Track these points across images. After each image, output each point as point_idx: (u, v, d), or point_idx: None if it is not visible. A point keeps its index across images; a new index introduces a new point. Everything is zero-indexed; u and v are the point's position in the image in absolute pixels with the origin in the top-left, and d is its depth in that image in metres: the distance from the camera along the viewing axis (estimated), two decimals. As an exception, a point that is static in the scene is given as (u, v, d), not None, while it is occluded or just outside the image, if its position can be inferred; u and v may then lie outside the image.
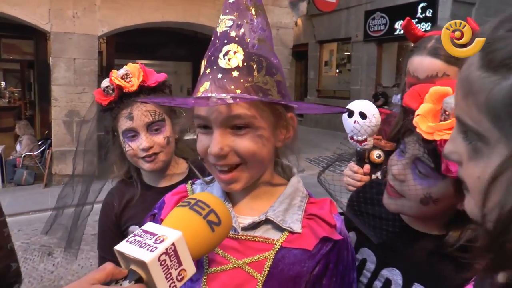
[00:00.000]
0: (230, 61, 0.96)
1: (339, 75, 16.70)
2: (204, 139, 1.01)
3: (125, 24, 8.62)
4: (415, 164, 1.12)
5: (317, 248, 1.04)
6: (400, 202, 1.16)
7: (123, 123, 1.65)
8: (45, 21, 7.94)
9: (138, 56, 12.26)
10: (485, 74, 0.61)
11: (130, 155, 1.67)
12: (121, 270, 0.80)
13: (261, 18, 1.03)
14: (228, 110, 0.95)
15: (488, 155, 0.62)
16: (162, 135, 1.67)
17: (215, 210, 0.87)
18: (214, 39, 1.01)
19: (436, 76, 1.57)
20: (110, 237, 1.75)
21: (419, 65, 1.61)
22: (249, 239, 1.05)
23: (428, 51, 1.60)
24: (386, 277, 1.21)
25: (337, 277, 1.06)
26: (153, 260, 0.75)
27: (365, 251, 1.28)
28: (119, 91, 1.64)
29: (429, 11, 12.10)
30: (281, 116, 1.05)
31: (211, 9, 9.21)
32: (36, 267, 5.15)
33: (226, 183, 1.03)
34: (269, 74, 1.00)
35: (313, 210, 1.09)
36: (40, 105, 10.88)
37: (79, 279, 0.78)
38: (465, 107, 0.65)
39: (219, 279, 1.04)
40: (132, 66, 1.68)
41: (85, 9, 8.19)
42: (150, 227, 0.83)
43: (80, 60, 8.26)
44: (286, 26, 10.20)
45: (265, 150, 1.02)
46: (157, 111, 1.65)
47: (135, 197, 1.73)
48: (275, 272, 1.02)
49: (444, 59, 1.56)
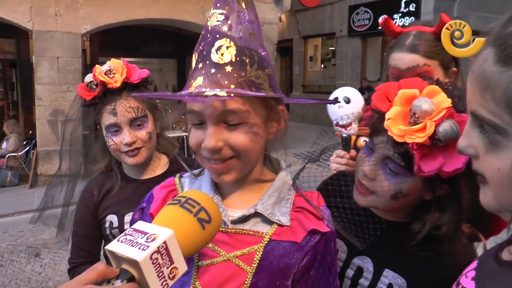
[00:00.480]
0: (223, 56, 0.96)
1: (324, 70, 16.75)
2: (197, 134, 1.02)
3: (108, 21, 8.55)
4: (385, 162, 1.15)
5: (305, 240, 1.06)
6: (371, 199, 1.19)
7: (107, 119, 1.69)
8: (27, 19, 7.83)
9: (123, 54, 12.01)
10: (502, 69, 0.63)
11: (113, 150, 1.71)
12: (112, 269, 0.79)
13: (251, 12, 1.03)
14: (223, 106, 0.96)
15: (508, 147, 0.64)
16: (145, 131, 1.72)
17: (205, 208, 0.88)
18: (205, 33, 1.01)
19: (417, 66, 1.62)
20: (86, 225, 1.79)
21: (400, 60, 1.66)
22: (239, 232, 1.06)
23: (407, 47, 1.64)
24: (357, 265, 1.25)
25: (325, 268, 1.09)
26: (145, 259, 0.75)
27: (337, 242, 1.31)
28: (103, 87, 1.68)
29: (413, 6, 12.19)
30: (273, 109, 1.07)
31: (195, 5, 9.17)
32: (23, 268, 5.10)
33: (218, 173, 1.03)
34: (261, 68, 1.00)
35: (301, 203, 1.11)
36: (23, 105, 10.75)
37: (70, 280, 0.78)
38: (482, 101, 0.67)
39: (209, 272, 1.05)
40: (115, 62, 1.72)
41: (68, 7, 8.09)
42: (141, 226, 0.83)
43: (63, 58, 8.16)
44: (271, 21, 10.20)
45: (258, 144, 1.03)
46: (139, 107, 1.70)
47: (115, 188, 1.77)
48: (265, 265, 1.04)
49: (423, 54, 1.61)
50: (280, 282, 1.05)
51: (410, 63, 1.63)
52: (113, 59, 1.73)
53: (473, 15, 11.38)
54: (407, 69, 1.63)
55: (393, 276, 1.17)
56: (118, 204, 1.75)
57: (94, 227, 1.79)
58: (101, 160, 1.82)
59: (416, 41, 1.63)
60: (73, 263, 1.80)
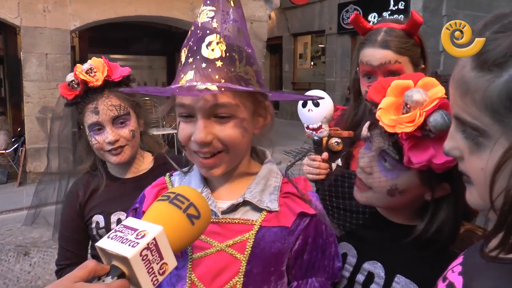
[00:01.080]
0: (213, 51, 0.99)
1: (314, 68, 16.77)
2: (186, 127, 1.04)
3: (97, 18, 8.47)
4: (381, 156, 1.14)
5: (295, 224, 1.09)
6: (368, 195, 1.19)
7: (89, 117, 1.68)
8: (14, 15, 7.73)
9: (112, 51, 12.07)
10: (479, 74, 0.66)
11: (96, 149, 1.71)
12: (103, 266, 0.80)
13: (239, 10, 1.06)
14: (214, 99, 0.98)
15: (490, 147, 0.67)
16: (127, 129, 1.71)
17: (194, 204, 0.89)
18: (195, 29, 1.03)
19: (389, 63, 1.64)
20: (72, 227, 1.79)
21: (372, 56, 1.68)
22: (229, 222, 1.08)
23: (379, 43, 1.66)
24: (368, 270, 1.22)
25: (317, 251, 1.11)
26: (135, 256, 0.76)
27: (345, 245, 1.30)
28: (84, 86, 1.67)
29: (402, 3, 12.24)
30: (260, 104, 1.10)
31: (184, 2, 9.13)
32: (12, 268, 5.06)
33: (207, 168, 1.06)
34: (249, 64, 1.04)
35: (288, 189, 1.14)
36: (11, 102, 10.62)
37: (61, 278, 0.78)
38: (463, 105, 0.70)
39: (204, 264, 1.07)
40: (96, 61, 1.71)
41: (56, 3, 8.01)
42: (131, 222, 0.84)
43: (52, 55, 8.09)
44: (260, 19, 10.19)
45: (246, 138, 1.06)
46: (122, 105, 1.70)
47: (101, 187, 1.77)
48: (257, 251, 1.06)
49: (395, 50, 1.64)
50: (274, 267, 1.08)
51: (382, 59, 1.65)
52: (94, 58, 1.72)
53: (461, 13, 11.47)
54: (379, 65, 1.66)
55: (406, 282, 1.14)
56: (104, 204, 1.75)
57: (81, 228, 1.79)
58: (85, 159, 1.82)
59: (387, 37, 1.65)
60: (60, 265, 1.79)
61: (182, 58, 1.04)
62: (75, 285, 0.75)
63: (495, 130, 0.66)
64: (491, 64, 0.64)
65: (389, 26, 1.69)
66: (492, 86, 0.64)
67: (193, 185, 1.13)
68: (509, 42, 0.64)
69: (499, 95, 0.63)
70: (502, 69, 0.63)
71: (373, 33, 1.72)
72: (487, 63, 0.65)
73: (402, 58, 1.65)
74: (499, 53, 0.64)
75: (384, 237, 1.23)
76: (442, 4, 11.82)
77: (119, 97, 1.69)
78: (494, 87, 0.64)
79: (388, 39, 1.65)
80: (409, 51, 1.65)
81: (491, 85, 0.64)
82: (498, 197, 0.66)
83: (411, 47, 1.66)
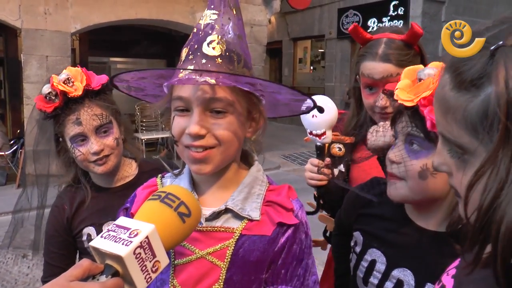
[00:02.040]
0: (214, 49, 1.02)
1: (313, 72, 16.80)
2: (181, 121, 1.05)
3: (98, 21, 8.50)
4: (407, 142, 1.16)
5: (275, 232, 1.09)
6: (402, 185, 1.18)
7: (71, 129, 1.62)
8: (15, 17, 7.76)
9: (112, 54, 12.09)
10: (458, 94, 0.67)
11: (80, 160, 1.65)
12: (97, 265, 0.81)
13: (240, 17, 1.10)
14: (212, 92, 1.00)
15: (473, 164, 0.67)
16: (111, 137, 1.68)
17: (185, 202, 0.91)
18: (197, 31, 1.06)
19: (391, 76, 1.64)
20: (57, 242, 1.73)
21: (373, 69, 1.67)
22: (211, 230, 1.09)
23: (380, 57, 1.65)
24: (397, 278, 1.20)
25: (292, 259, 1.10)
26: (128, 254, 0.78)
27: (373, 252, 1.29)
28: (64, 97, 1.60)
29: (401, 9, 12.29)
30: (255, 107, 1.12)
31: (185, 6, 9.16)
32: (10, 270, 5.05)
33: (197, 161, 1.06)
34: (246, 67, 1.07)
35: (271, 197, 1.14)
36: (11, 104, 10.64)
37: (56, 277, 0.79)
38: (445, 124, 0.71)
39: (185, 270, 1.08)
40: (72, 70, 1.65)
41: (57, 5, 8.04)
42: (123, 222, 0.86)
43: (52, 57, 8.12)
44: (260, 23, 10.22)
45: (238, 137, 1.08)
46: (103, 114, 1.66)
47: (87, 200, 1.72)
48: (237, 259, 1.07)
49: (396, 63, 1.62)
50: (254, 276, 1.08)
51: (383, 72, 1.64)
52: (69, 67, 1.68)
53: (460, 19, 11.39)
54: (381, 78, 1.65)
55: None
56: (94, 216, 1.71)
57: (67, 243, 1.74)
58: (66, 173, 1.76)
59: (388, 50, 1.64)
60: (46, 281, 1.73)
61: (182, 57, 1.07)
62: (70, 284, 0.76)
63: (475, 147, 0.66)
64: (468, 84, 0.65)
65: (389, 37, 1.68)
66: (471, 105, 0.65)
67: None
68: (484, 62, 0.64)
69: (477, 114, 0.64)
70: (479, 88, 0.64)
71: (373, 45, 1.70)
72: (464, 83, 0.66)
73: (403, 70, 1.65)
74: (474, 73, 0.65)
75: (415, 244, 1.20)
76: (441, 10, 11.88)
77: (100, 106, 1.65)
78: (472, 106, 0.65)
79: (388, 52, 1.64)
80: (410, 63, 1.62)
81: (470, 104, 0.65)
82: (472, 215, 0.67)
83: (412, 58, 1.66)
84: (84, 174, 1.76)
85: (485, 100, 0.63)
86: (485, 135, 0.64)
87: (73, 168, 1.74)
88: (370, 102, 1.71)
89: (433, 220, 1.20)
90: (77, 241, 1.74)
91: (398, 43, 1.66)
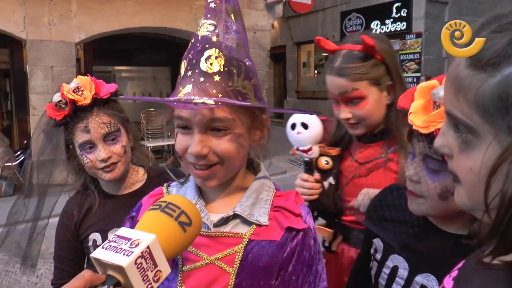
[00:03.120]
0: (212, 66, 1.00)
1: (317, 76, 16.77)
2: (183, 139, 1.05)
3: (102, 30, 8.56)
4: (426, 163, 1.13)
5: (284, 238, 1.09)
6: (422, 202, 1.15)
7: (80, 136, 1.66)
8: (20, 28, 7.83)
9: (116, 62, 12.16)
10: (473, 72, 0.66)
11: (89, 167, 1.69)
12: (99, 276, 0.81)
13: (240, 23, 1.08)
14: (211, 113, 1.00)
15: (479, 147, 0.66)
16: (119, 145, 1.71)
17: (185, 211, 0.91)
18: (195, 42, 1.05)
19: (346, 92, 1.65)
20: (66, 247, 1.78)
21: (332, 84, 1.69)
22: (219, 235, 1.09)
23: (335, 71, 1.65)
24: (421, 284, 1.18)
25: (303, 265, 1.10)
26: (130, 264, 0.78)
27: (395, 258, 1.26)
28: (73, 105, 1.65)
29: (404, 11, 12.27)
30: (257, 118, 1.11)
31: (188, 13, 9.20)
32: (19, 279, 5.08)
33: (203, 179, 1.07)
34: (247, 79, 1.05)
35: (279, 203, 1.14)
36: (17, 115, 10.71)
37: (64, 282, 0.80)
38: (456, 102, 0.69)
39: (194, 276, 1.08)
40: (82, 79, 1.69)
41: (61, 16, 8.11)
42: (124, 232, 0.86)
43: (58, 68, 8.18)
44: (263, 28, 10.25)
45: (241, 151, 1.08)
46: (112, 122, 1.69)
47: (94, 206, 1.75)
48: (246, 265, 1.07)
49: (350, 78, 1.62)
50: (263, 281, 1.08)
51: (339, 88, 1.66)
52: (79, 76, 1.71)
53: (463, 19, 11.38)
54: (339, 94, 1.67)
55: None
56: (101, 222, 1.74)
57: (75, 248, 1.78)
58: (76, 179, 1.80)
59: (343, 64, 1.65)
60: (55, 284, 1.80)
61: (181, 71, 1.06)
62: None
63: (486, 130, 0.65)
64: (485, 63, 0.64)
65: (348, 48, 1.68)
66: (485, 85, 0.63)
67: (188, 196, 1.14)
68: (505, 42, 0.63)
69: (491, 96, 0.63)
70: (495, 69, 0.63)
71: (332, 58, 1.70)
72: (481, 62, 0.64)
73: (359, 84, 1.63)
74: (493, 52, 0.63)
75: (437, 248, 1.17)
76: (445, 11, 11.84)
77: (108, 114, 1.69)
78: (486, 87, 0.63)
79: (343, 66, 1.64)
80: (366, 75, 1.63)
81: (484, 84, 0.64)
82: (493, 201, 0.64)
83: (369, 69, 1.63)
84: (93, 180, 1.80)
85: (502, 81, 0.62)
86: (498, 118, 0.63)
87: (83, 174, 1.78)
88: (337, 114, 1.75)
89: (456, 223, 1.17)
90: (84, 246, 1.77)
91: (355, 55, 1.65)
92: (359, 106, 1.66)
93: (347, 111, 1.68)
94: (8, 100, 12.04)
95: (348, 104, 1.68)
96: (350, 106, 1.68)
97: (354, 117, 1.68)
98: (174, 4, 9.13)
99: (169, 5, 9.07)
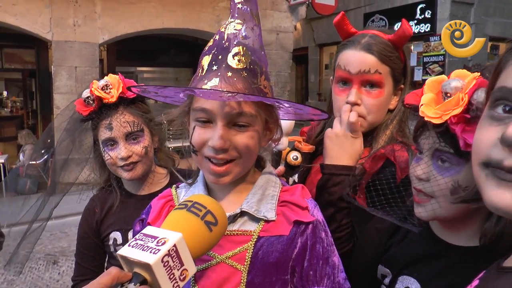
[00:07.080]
0: (239, 62, 1.02)
1: (339, 78, 16.71)
2: (203, 133, 1.06)
3: (125, 31, 8.66)
4: (435, 158, 1.10)
5: (292, 232, 1.09)
6: (432, 205, 1.10)
7: (103, 133, 1.70)
8: (46, 30, 7.98)
9: (139, 63, 12.30)
10: None
11: (109, 164, 1.72)
12: (125, 273, 0.82)
13: (259, 27, 1.11)
14: (239, 107, 1.02)
15: None
16: (141, 145, 1.72)
17: (211, 211, 0.91)
18: (219, 39, 1.06)
19: (369, 72, 1.50)
20: (88, 244, 1.81)
21: (352, 58, 1.53)
22: (228, 234, 1.09)
23: (362, 45, 1.52)
24: None
25: (318, 259, 1.10)
26: (157, 262, 0.78)
27: (405, 279, 1.20)
28: (99, 102, 1.69)
29: (428, 12, 12.13)
30: (272, 116, 1.13)
31: (211, 14, 9.25)
32: (42, 276, 5.17)
33: (218, 175, 1.08)
34: (266, 79, 1.08)
35: (285, 197, 1.14)
36: (42, 114, 10.92)
37: (86, 285, 0.80)
38: None
39: (206, 276, 1.09)
40: (112, 78, 1.73)
41: (86, 17, 8.23)
42: (150, 231, 0.86)
43: (81, 68, 8.30)
44: (286, 30, 10.24)
45: (257, 147, 1.10)
46: (135, 122, 1.71)
47: (115, 204, 1.78)
48: (256, 261, 1.07)
49: (378, 56, 1.50)
50: (275, 277, 1.08)
51: (361, 65, 1.51)
52: (110, 74, 1.75)
53: (490, 21, 11.27)
54: (357, 72, 1.51)
55: None
56: (121, 221, 1.76)
57: (96, 245, 1.80)
58: (100, 175, 1.84)
59: (372, 41, 1.52)
60: (76, 281, 1.82)
61: (204, 65, 1.06)
62: None
63: None
64: None
65: (375, 33, 1.55)
66: None
67: None
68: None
69: None
70: None
71: (357, 36, 1.57)
72: None
73: (383, 67, 1.51)
74: None
75: (447, 262, 1.13)
76: (470, 12, 11.64)
77: (133, 114, 1.71)
78: None
79: (372, 42, 1.51)
80: (392, 62, 1.52)
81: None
82: None
83: (396, 59, 1.53)
84: (116, 178, 1.83)
85: None
86: None
87: (107, 171, 1.82)
88: (340, 99, 1.57)
89: (463, 235, 1.13)
90: (105, 245, 1.80)
91: (384, 41, 1.53)
92: (373, 94, 1.52)
93: (358, 95, 1.52)
94: (34, 100, 12.30)
95: (364, 87, 1.53)
96: (364, 91, 1.53)
97: (362, 105, 1.53)
98: (197, 6, 9.19)
99: (192, 7, 9.13)
